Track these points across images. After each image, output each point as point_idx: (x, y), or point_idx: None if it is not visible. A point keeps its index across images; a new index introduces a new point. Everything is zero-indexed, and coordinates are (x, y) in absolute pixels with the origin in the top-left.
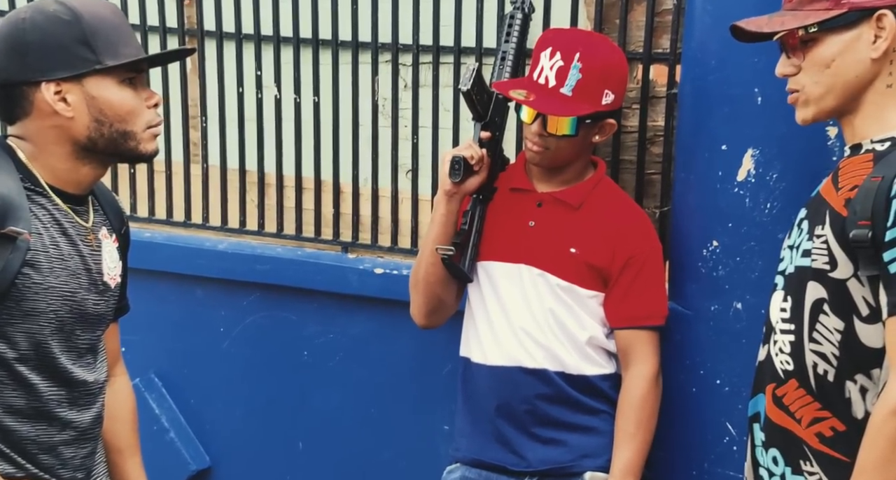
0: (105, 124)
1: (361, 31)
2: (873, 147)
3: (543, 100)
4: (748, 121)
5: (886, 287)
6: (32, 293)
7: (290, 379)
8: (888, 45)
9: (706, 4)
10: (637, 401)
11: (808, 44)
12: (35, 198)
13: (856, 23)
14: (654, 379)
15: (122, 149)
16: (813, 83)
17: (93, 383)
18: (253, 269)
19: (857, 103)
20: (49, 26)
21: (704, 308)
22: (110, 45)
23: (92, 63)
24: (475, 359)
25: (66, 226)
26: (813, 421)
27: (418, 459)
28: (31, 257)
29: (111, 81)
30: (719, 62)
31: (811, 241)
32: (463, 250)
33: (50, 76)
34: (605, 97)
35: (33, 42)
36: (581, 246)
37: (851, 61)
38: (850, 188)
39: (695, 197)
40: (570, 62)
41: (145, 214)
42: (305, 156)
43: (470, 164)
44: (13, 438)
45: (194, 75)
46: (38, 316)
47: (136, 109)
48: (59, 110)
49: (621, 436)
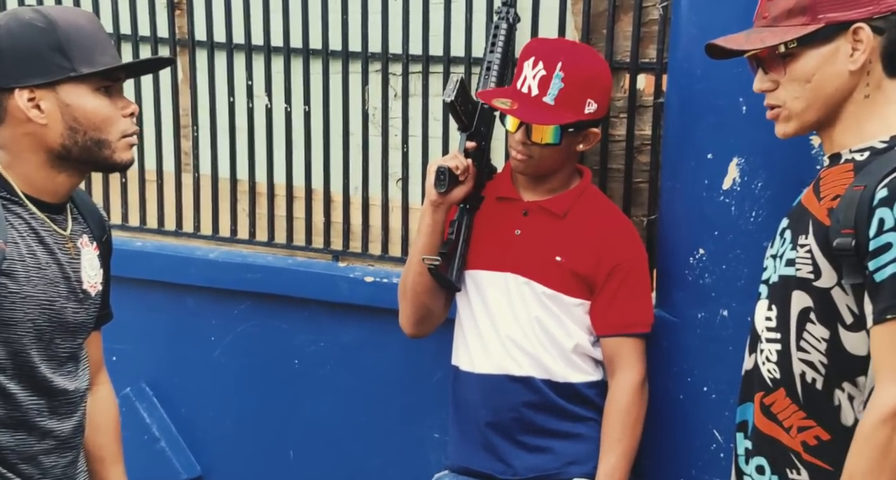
0: (79, 132)
1: (352, 41)
2: (852, 156)
3: (526, 110)
4: (733, 130)
5: (871, 295)
6: (9, 303)
7: (281, 387)
8: (866, 57)
9: (692, 15)
10: (623, 407)
11: (787, 59)
12: (11, 207)
13: (832, 36)
14: (640, 386)
15: (96, 157)
16: (793, 98)
17: (73, 392)
18: (244, 278)
19: (837, 115)
20: (24, 33)
21: (691, 315)
22: (85, 52)
23: (66, 70)
24: (464, 367)
25: (42, 234)
26: (799, 430)
27: (408, 467)
28: (6, 267)
29: (86, 89)
30: (705, 72)
31: (795, 251)
32: (450, 260)
33: (23, 83)
34: (588, 106)
35: (7, 48)
36: (566, 254)
37: (831, 74)
38: (832, 197)
39: (681, 205)
40: (552, 71)
41: (136, 223)
42: (296, 165)
43: (455, 175)
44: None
45: (185, 85)
46: (16, 326)
47: (111, 118)
48: (33, 117)
49: (607, 442)
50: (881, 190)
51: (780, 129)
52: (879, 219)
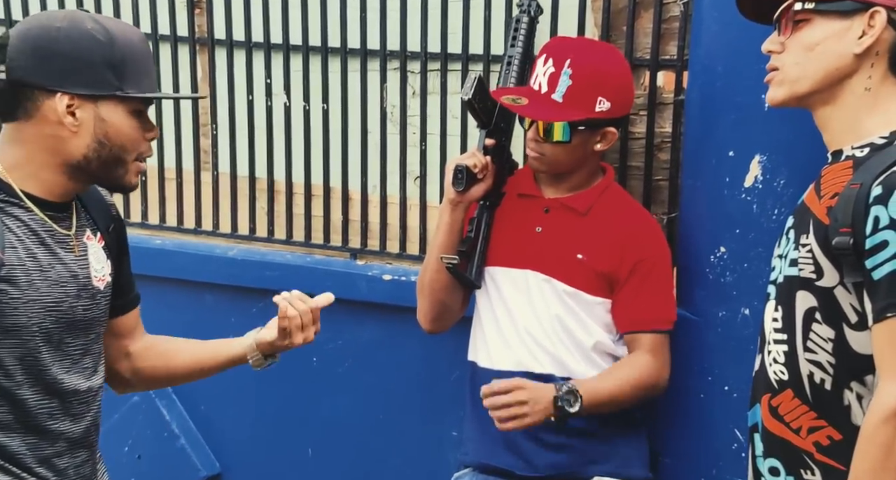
0: (105, 147)
1: (370, 39)
2: (853, 153)
3: (534, 106)
4: (755, 127)
5: (870, 294)
6: (12, 309)
7: (300, 385)
8: (872, 42)
9: (713, 11)
10: (636, 373)
11: (800, 24)
12: (9, 210)
13: (850, 14)
14: (659, 370)
15: (110, 174)
16: (793, 64)
17: (86, 391)
18: (262, 276)
19: (833, 102)
20: (83, 42)
21: (712, 314)
22: (134, 74)
23: (114, 88)
24: (482, 364)
25: (42, 235)
26: (810, 431)
27: (427, 465)
28: (6, 273)
29: (124, 109)
30: (726, 69)
31: (797, 250)
32: (469, 257)
33: (69, 89)
34: (599, 104)
35: (63, 52)
36: (588, 252)
37: (834, 51)
38: (832, 196)
39: (702, 203)
40: (560, 68)
41: (156, 221)
42: (314, 163)
43: (473, 173)
44: (7, 453)
45: (205, 83)
46: (20, 331)
47: (137, 140)
48: (66, 123)
49: (609, 371)
50: (876, 187)
51: (770, 93)
52: (875, 216)
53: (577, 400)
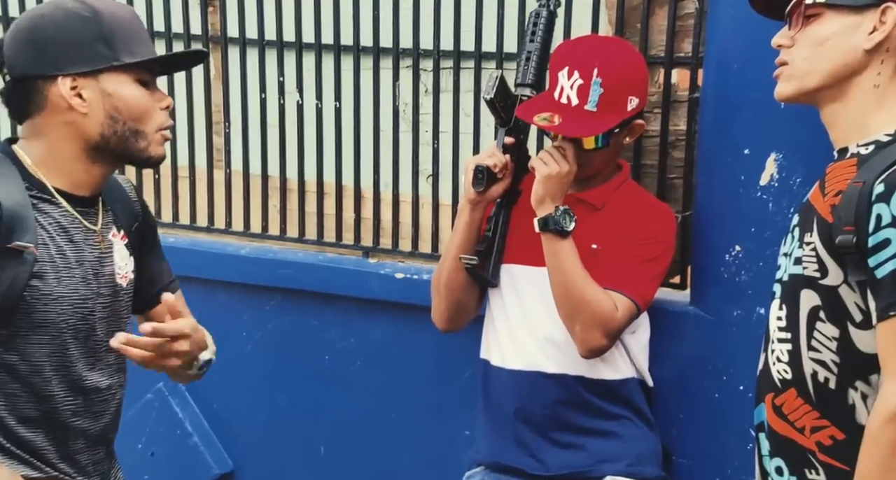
0: (119, 121)
1: (383, 37)
2: (858, 151)
3: (569, 123)
4: (771, 125)
5: (874, 292)
6: (42, 304)
7: (312, 383)
8: (883, 39)
9: (728, 8)
10: (603, 292)
11: (811, 18)
12: (41, 206)
13: (862, 9)
14: (616, 318)
15: (132, 148)
16: (802, 58)
17: (105, 389)
18: (275, 274)
19: (842, 99)
20: (68, 22)
21: (727, 313)
22: (127, 44)
23: (109, 59)
24: (494, 362)
25: (72, 232)
26: (813, 430)
27: (439, 464)
28: (37, 269)
29: (126, 79)
30: (741, 66)
31: (801, 249)
32: (487, 257)
33: (67, 70)
34: (630, 103)
35: (51, 37)
36: (602, 242)
37: (845, 46)
38: (835, 193)
39: (717, 201)
40: (589, 79)
41: (169, 219)
42: (327, 161)
43: (493, 172)
44: (31, 447)
45: (217, 81)
46: (49, 327)
47: (150, 109)
48: (75, 105)
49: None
50: (878, 185)
51: (779, 88)
52: (877, 214)
53: (572, 219)
